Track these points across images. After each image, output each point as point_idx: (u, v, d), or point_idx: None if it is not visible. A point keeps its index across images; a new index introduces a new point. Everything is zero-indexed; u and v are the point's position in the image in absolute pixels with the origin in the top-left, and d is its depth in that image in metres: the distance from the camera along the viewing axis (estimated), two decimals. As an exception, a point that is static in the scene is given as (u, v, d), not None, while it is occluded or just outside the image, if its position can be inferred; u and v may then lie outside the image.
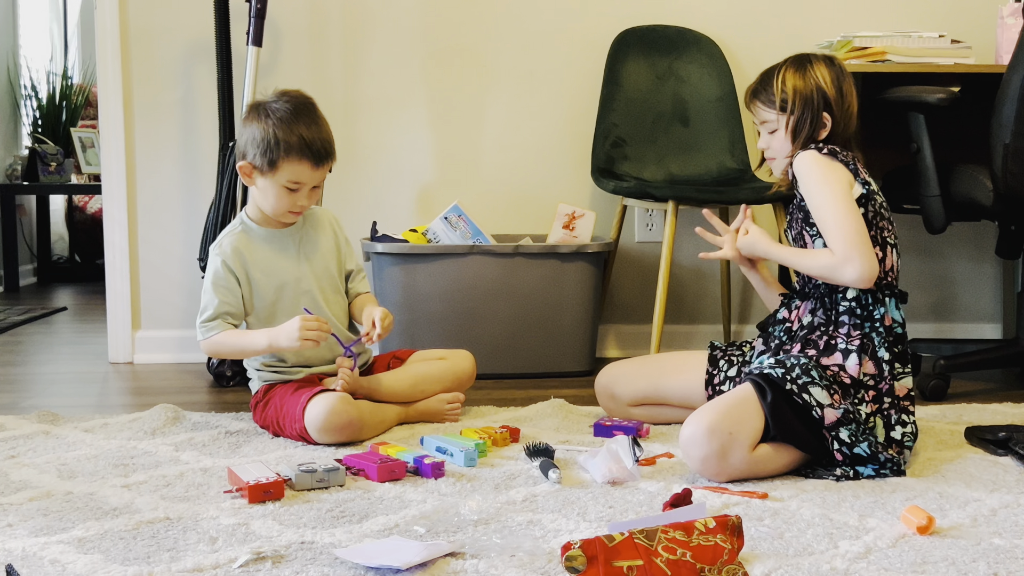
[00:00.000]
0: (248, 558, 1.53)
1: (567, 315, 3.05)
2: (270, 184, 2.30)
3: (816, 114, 2.13)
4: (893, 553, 1.57)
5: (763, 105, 2.19)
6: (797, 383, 1.96)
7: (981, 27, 3.34)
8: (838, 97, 2.14)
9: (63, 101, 6.06)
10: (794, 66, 2.17)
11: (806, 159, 2.10)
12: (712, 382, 2.29)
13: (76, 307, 4.73)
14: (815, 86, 2.14)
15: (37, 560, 1.54)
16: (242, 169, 2.32)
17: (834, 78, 2.15)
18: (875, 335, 2.06)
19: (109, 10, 3.27)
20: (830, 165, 2.09)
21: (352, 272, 2.49)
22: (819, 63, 2.16)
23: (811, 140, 2.14)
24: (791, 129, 2.15)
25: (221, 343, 2.32)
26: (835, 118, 2.14)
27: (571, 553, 1.41)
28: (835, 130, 2.15)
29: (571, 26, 3.38)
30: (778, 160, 2.21)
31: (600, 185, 3.20)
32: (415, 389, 2.42)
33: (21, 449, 2.19)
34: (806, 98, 2.14)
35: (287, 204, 2.32)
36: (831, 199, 2.06)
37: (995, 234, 3.08)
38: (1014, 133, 2.59)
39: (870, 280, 2.05)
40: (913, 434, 2.05)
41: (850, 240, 2.04)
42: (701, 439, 1.91)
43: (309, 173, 2.29)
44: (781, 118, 2.16)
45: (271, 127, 2.26)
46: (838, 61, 2.20)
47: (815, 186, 2.08)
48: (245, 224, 2.40)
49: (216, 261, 2.34)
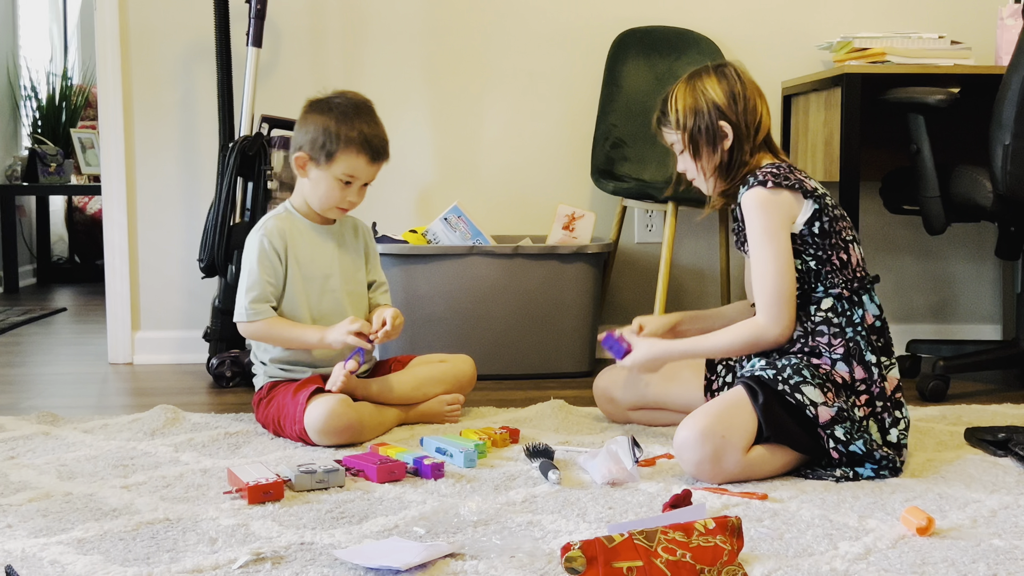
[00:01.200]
0: (248, 559, 1.52)
1: (567, 316, 3.05)
2: (324, 176, 2.33)
3: (710, 125, 2.12)
4: (893, 554, 1.57)
5: (666, 128, 2.20)
6: (789, 383, 1.96)
7: (981, 28, 3.34)
8: (731, 104, 2.13)
9: (63, 102, 6.06)
10: (685, 83, 2.18)
11: (754, 202, 2.08)
12: (711, 387, 2.29)
13: (76, 308, 4.74)
14: (704, 97, 2.13)
15: (37, 561, 1.54)
16: (297, 160, 2.35)
17: (725, 87, 2.14)
18: (859, 339, 2.05)
19: (109, 11, 3.27)
20: (775, 205, 2.06)
21: (375, 283, 2.51)
22: (708, 75, 2.16)
23: (715, 152, 2.13)
24: (688, 143, 2.15)
25: (268, 331, 2.33)
26: (734, 124, 2.12)
27: (571, 554, 1.41)
28: (739, 135, 2.13)
29: (571, 27, 3.38)
30: (698, 180, 2.21)
31: (600, 186, 3.20)
32: (416, 391, 2.42)
33: (21, 450, 2.19)
34: (696, 111, 2.13)
35: (337, 198, 2.35)
36: (770, 258, 2.05)
37: (995, 235, 3.08)
38: (1014, 134, 2.59)
39: (786, 340, 2.07)
40: (906, 427, 2.05)
41: (780, 305, 2.05)
42: (694, 443, 1.91)
43: (365, 168, 2.34)
44: (680, 136, 2.17)
45: (332, 120, 2.31)
46: (732, 67, 2.18)
47: (758, 237, 2.07)
48: (290, 212, 2.42)
49: (262, 239, 2.35)
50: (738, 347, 2.12)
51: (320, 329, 2.31)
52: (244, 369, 2.91)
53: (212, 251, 2.95)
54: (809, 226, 2.07)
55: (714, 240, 3.35)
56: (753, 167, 2.13)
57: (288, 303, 2.38)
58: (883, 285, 3.44)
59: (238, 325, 2.36)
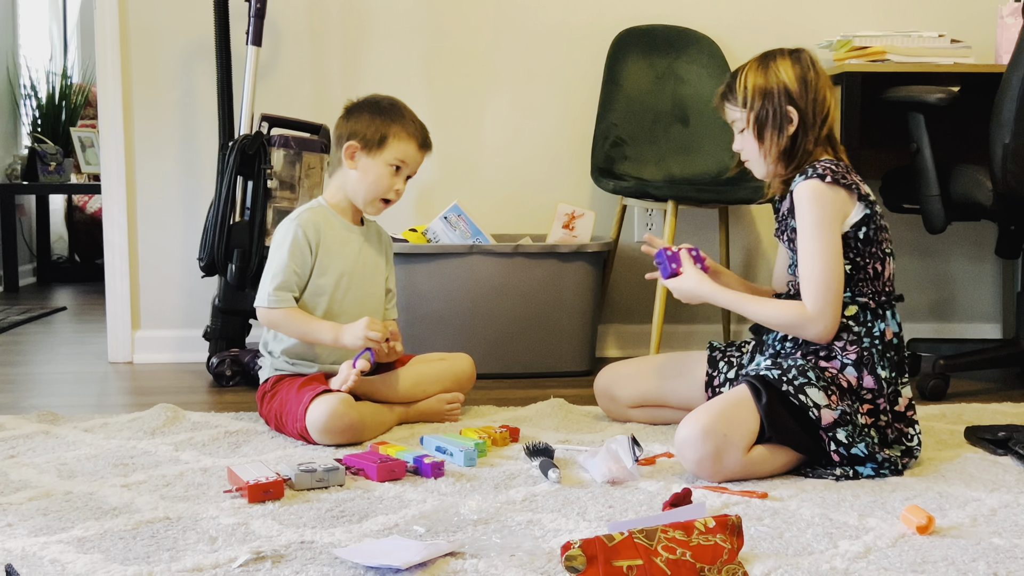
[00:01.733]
0: (248, 558, 1.52)
1: (567, 315, 3.05)
2: (374, 164, 2.37)
3: (778, 108, 2.11)
4: (893, 553, 1.57)
5: (730, 105, 2.18)
6: (793, 384, 1.96)
7: (981, 27, 3.34)
8: (801, 90, 2.11)
9: (63, 101, 6.06)
10: (757, 63, 2.16)
11: (807, 192, 2.06)
12: (712, 384, 2.29)
13: (76, 307, 4.74)
14: (776, 80, 2.11)
15: (37, 560, 1.54)
16: (347, 150, 2.38)
17: (797, 71, 2.12)
18: (874, 350, 2.05)
19: (109, 10, 3.27)
20: (830, 200, 2.05)
21: (388, 293, 2.53)
22: (783, 58, 2.14)
23: (779, 136, 2.11)
24: (754, 124, 2.13)
25: (285, 320, 2.34)
26: (801, 111, 2.11)
27: (571, 553, 1.41)
28: (804, 123, 2.11)
29: (571, 26, 3.38)
30: (753, 162, 2.18)
31: (600, 185, 3.20)
32: (416, 389, 2.43)
33: (21, 449, 2.19)
34: (766, 93, 2.11)
35: (386, 187, 2.38)
36: (821, 251, 2.03)
37: (995, 234, 3.08)
38: (1014, 133, 2.59)
39: (827, 340, 2.05)
40: (918, 444, 2.05)
41: (827, 300, 2.02)
42: (696, 441, 1.91)
43: (415, 154, 2.39)
44: (744, 115, 2.14)
45: (380, 112, 2.38)
46: (807, 55, 2.16)
47: (809, 228, 2.05)
48: (323, 205, 2.44)
49: (296, 228, 2.36)
50: (780, 323, 2.09)
51: (335, 328, 2.32)
52: (244, 368, 2.91)
53: (212, 250, 2.95)
54: (856, 230, 2.06)
55: (714, 239, 3.35)
56: (813, 159, 2.12)
57: (310, 295, 2.38)
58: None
59: (258, 310, 2.37)
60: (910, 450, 2.04)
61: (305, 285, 2.38)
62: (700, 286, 2.17)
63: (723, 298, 2.16)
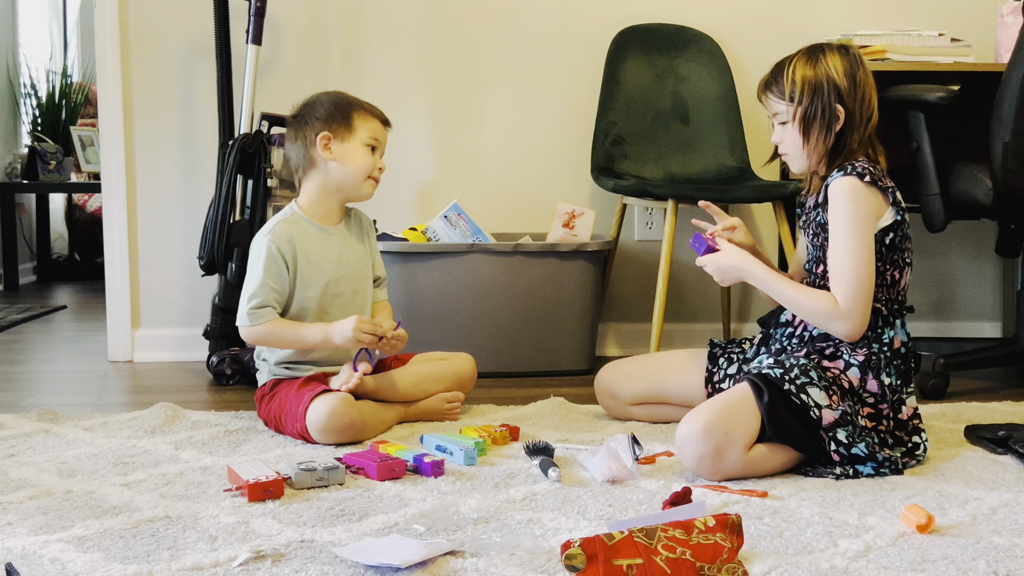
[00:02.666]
0: (248, 556, 1.53)
1: (567, 313, 3.05)
2: (351, 147, 2.37)
3: (827, 105, 2.07)
4: (893, 551, 1.57)
5: (774, 96, 2.13)
6: (795, 383, 1.95)
7: (981, 26, 3.34)
8: (851, 87, 2.08)
9: (63, 99, 6.06)
10: (806, 56, 2.11)
11: (844, 188, 2.04)
12: (712, 380, 2.29)
13: (76, 305, 4.73)
14: (825, 76, 2.07)
15: (37, 559, 1.54)
16: (321, 140, 2.36)
17: (847, 68, 2.08)
18: (882, 357, 2.05)
19: (108, 8, 3.27)
20: (866, 199, 2.03)
21: (377, 279, 2.52)
22: (832, 53, 2.10)
23: (825, 134, 2.08)
24: (800, 120, 2.09)
25: (270, 333, 2.33)
26: (848, 109, 2.08)
27: (571, 551, 1.41)
28: (851, 122, 2.08)
29: (571, 25, 3.38)
30: (792, 156, 2.15)
31: (600, 184, 3.20)
32: (416, 388, 2.42)
33: (21, 447, 2.19)
34: (815, 88, 2.08)
35: (370, 166, 2.38)
36: (855, 248, 2.01)
37: (995, 233, 3.08)
38: (1014, 131, 2.59)
39: (855, 339, 2.04)
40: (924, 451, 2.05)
41: (858, 298, 2.01)
42: (696, 439, 1.91)
43: (380, 130, 2.42)
44: (791, 109, 2.10)
45: (334, 102, 2.40)
46: (854, 50, 2.13)
47: (844, 225, 2.03)
48: (296, 214, 2.42)
49: (268, 245, 2.34)
50: (810, 312, 2.06)
51: (323, 327, 2.31)
52: (244, 367, 2.91)
53: (212, 249, 2.95)
54: (883, 235, 2.06)
55: (714, 238, 3.35)
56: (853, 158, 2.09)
57: (296, 308, 2.37)
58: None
59: (240, 330, 2.35)
60: (912, 452, 2.04)
61: (289, 299, 2.36)
62: (742, 259, 2.14)
63: (761, 275, 2.12)
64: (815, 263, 2.15)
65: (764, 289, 2.15)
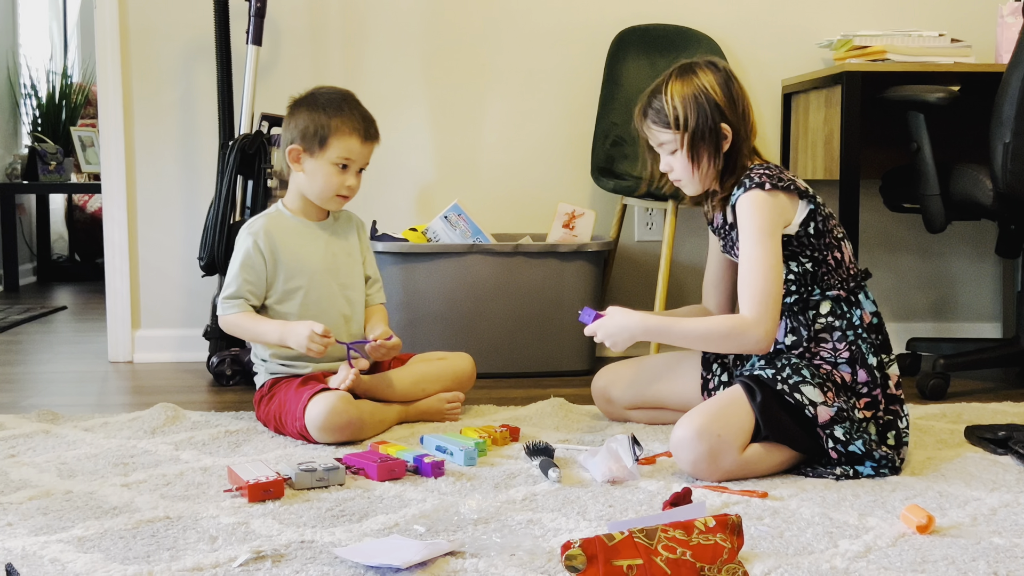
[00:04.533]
0: (248, 557, 1.52)
1: (567, 314, 3.05)
2: (319, 165, 2.36)
3: (713, 126, 2.05)
4: (893, 552, 1.57)
5: (655, 125, 2.10)
6: (788, 383, 1.96)
7: (981, 26, 3.34)
8: (730, 104, 2.06)
9: (63, 100, 6.06)
10: (679, 78, 2.08)
11: (750, 203, 2.02)
12: (707, 387, 2.29)
13: (76, 306, 4.73)
14: (704, 96, 2.05)
15: (37, 559, 1.54)
16: (291, 154, 2.37)
17: (722, 83, 2.07)
18: (860, 342, 2.04)
19: (109, 9, 3.27)
20: (771, 206, 2.02)
21: (369, 279, 2.52)
22: (703, 70, 2.08)
23: (715, 156, 2.07)
24: (688, 146, 2.07)
25: (237, 323, 2.36)
26: (733, 126, 2.07)
27: (571, 552, 1.41)
28: (737, 138, 2.07)
29: (571, 25, 3.38)
30: (685, 182, 2.13)
31: (600, 184, 3.20)
32: (416, 387, 2.43)
33: (21, 448, 2.19)
34: (698, 110, 2.05)
35: (336, 185, 2.37)
36: (762, 256, 1.99)
37: (995, 233, 3.08)
38: (1014, 132, 2.59)
39: (767, 349, 2.01)
40: (906, 425, 2.04)
41: (767, 304, 1.98)
42: (690, 442, 1.91)
43: (358, 149, 2.36)
44: (676, 136, 2.08)
45: (319, 109, 2.35)
46: (722, 64, 2.11)
47: (752, 235, 2.01)
48: (280, 211, 2.45)
49: (247, 240, 2.38)
50: (715, 337, 2.03)
51: (280, 326, 2.31)
52: (244, 367, 2.91)
53: (212, 249, 2.95)
54: (804, 227, 2.06)
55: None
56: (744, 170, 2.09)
57: (283, 303, 2.39)
58: (883, 283, 3.44)
59: (218, 318, 2.40)
60: (899, 436, 2.02)
61: (267, 291, 2.38)
62: (627, 317, 2.08)
63: (653, 325, 2.08)
64: None
65: (663, 338, 2.09)
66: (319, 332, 2.24)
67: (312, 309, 2.38)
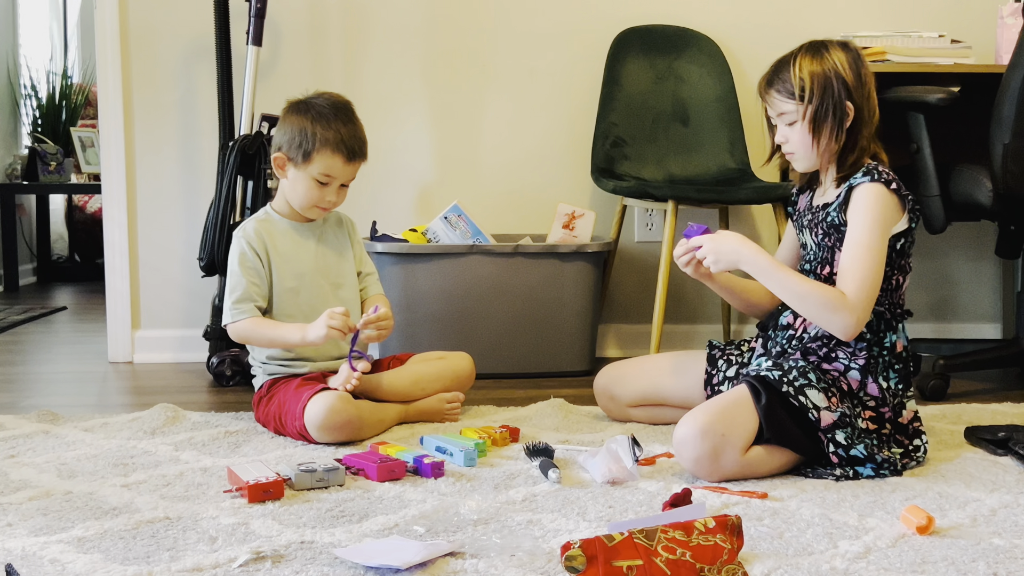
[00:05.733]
0: (248, 558, 1.52)
1: (567, 315, 3.05)
2: (301, 177, 2.36)
3: (838, 102, 2.05)
4: (893, 553, 1.57)
5: (779, 95, 2.09)
6: (794, 385, 1.95)
7: (981, 27, 3.34)
8: (857, 83, 2.05)
9: (63, 100, 6.06)
10: (810, 52, 2.07)
11: (875, 193, 2.02)
12: (711, 382, 2.29)
13: (76, 306, 4.73)
14: (834, 72, 2.04)
15: (37, 559, 1.54)
16: (276, 160, 2.38)
17: (851, 63, 2.06)
18: (882, 360, 2.05)
19: (109, 9, 3.27)
20: (889, 205, 2.03)
21: (363, 274, 2.53)
22: (835, 48, 2.07)
23: (837, 132, 2.06)
24: (810, 119, 2.06)
25: (252, 330, 2.34)
26: (857, 106, 2.06)
27: (571, 553, 1.41)
28: (860, 118, 2.07)
29: (571, 26, 3.38)
30: (800, 155, 2.11)
31: (600, 185, 3.20)
32: (415, 387, 2.43)
33: (21, 448, 2.19)
34: (825, 85, 2.04)
35: (315, 198, 2.37)
36: (873, 247, 1.99)
37: (995, 234, 3.08)
38: (1014, 133, 2.59)
39: (852, 337, 2.01)
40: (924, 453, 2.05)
41: (867, 294, 1.99)
42: (693, 440, 1.91)
43: (341, 168, 2.35)
44: (799, 108, 2.07)
45: (309, 121, 2.34)
46: (854, 46, 2.11)
47: (867, 225, 2.01)
48: (269, 214, 2.46)
49: (241, 243, 2.39)
50: (811, 301, 2.00)
51: (301, 327, 2.31)
52: (244, 368, 2.91)
53: (212, 250, 2.95)
54: (895, 240, 2.06)
55: (714, 239, 3.35)
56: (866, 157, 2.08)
57: (277, 305, 2.39)
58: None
59: (227, 328, 2.37)
60: (911, 453, 2.03)
61: (270, 296, 2.38)
62: (743, 243, 2.05)
63: (763, 261, 2.03)
64: (820, 264, 2.13)
65: (764, 277, 2.05)
66: (336, 312, 2.23)
67: (305, 310, 2.38)
